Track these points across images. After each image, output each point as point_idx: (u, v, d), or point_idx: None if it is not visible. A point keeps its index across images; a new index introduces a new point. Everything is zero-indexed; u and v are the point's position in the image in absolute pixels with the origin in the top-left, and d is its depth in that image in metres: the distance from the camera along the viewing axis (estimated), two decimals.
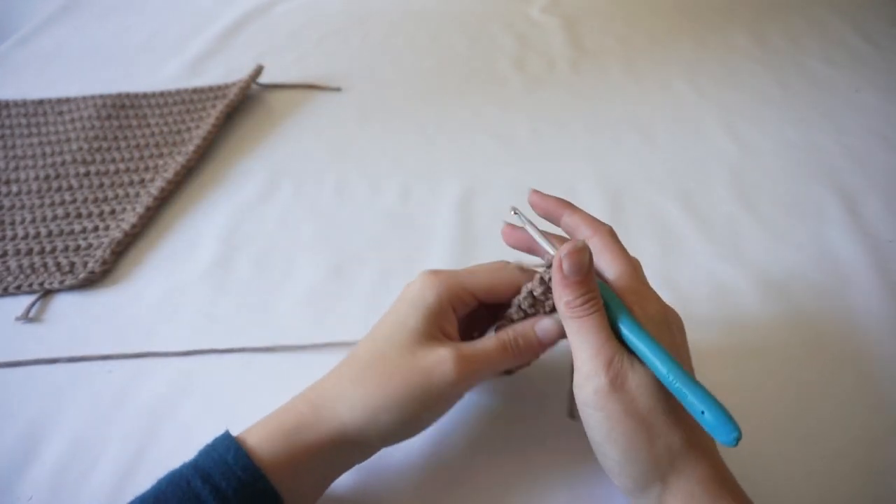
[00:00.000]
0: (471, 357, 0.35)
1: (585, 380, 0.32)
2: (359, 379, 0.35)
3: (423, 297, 0.36)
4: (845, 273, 0.52)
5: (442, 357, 0.34)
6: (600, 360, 0.32)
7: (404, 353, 0.34)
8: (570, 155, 0.68)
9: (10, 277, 0.56)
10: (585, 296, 0.33)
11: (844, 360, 0.46)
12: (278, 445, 0.33)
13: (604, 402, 0.31)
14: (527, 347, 0.37)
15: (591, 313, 0.33)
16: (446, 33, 0.92)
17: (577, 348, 0.33)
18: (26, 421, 0.45)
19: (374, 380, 0.34)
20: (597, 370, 0.32)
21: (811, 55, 0.81)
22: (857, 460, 0.40)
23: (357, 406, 0.34)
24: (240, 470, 0.32)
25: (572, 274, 0.33)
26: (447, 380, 0.34)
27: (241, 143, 0.72)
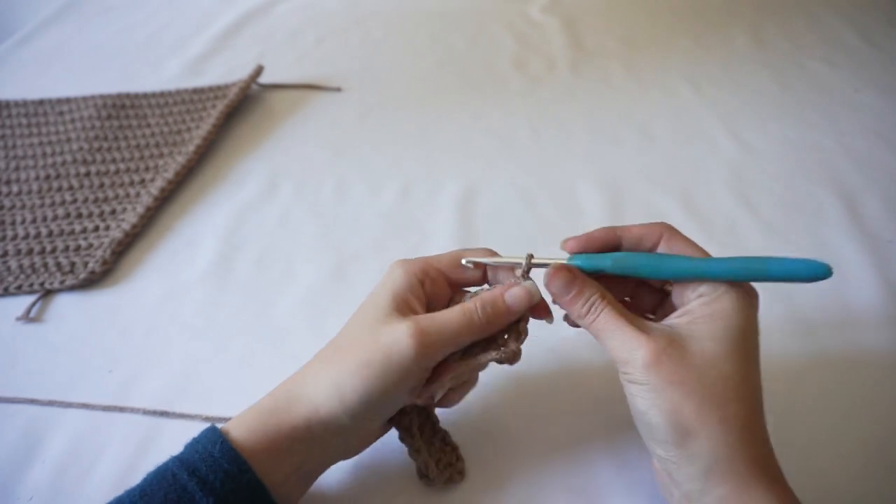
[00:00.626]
0: (429, 328, 0.34)
1: (626, 363, 0.33)
2: (327, 359, 0.36)
3: (391, 276, 0.37)
4: (845, 273, 0.52)
5: (400, 330, 0.34)
6: (632, 341, 0.33)
7: (368, 331, 0.35)
8: (569, 155, 0.68)
9: (10, 277, 0.56)
10: (587, 303, 0.34)
11: (844, 360, 0.46)
12: (258, 433, 0.34)
13: (644, 376, 0.32)
14: (495, 315, 0.36)
15: (599, 312, 0.34)
16: (446, 33, 0.92)
17: (606, 344, 0.34)
18: (26, 421, 0.45)
19: (340, 359, 0.35)
20: (631, 350, 0.32)
21: (811, 55, 0.81)
22: (858, 461, 0.40)
23: (324, 385, 0.34)
24: (226, 462, 0.32)
25: (562, 295, 0.35)
26: (405, 353, 0.33)
27: (241, 143, 0.72)
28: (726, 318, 0.33)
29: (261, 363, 0.48)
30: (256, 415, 0.35)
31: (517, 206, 0.61)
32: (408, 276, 0.37)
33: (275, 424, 0.34)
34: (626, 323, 0.33)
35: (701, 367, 0.32)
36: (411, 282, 0.37)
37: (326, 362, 0.36)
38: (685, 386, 0.31)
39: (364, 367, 0.34)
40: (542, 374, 0.46)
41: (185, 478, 0.32)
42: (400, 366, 0.34)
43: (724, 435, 0.31)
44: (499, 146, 0.70)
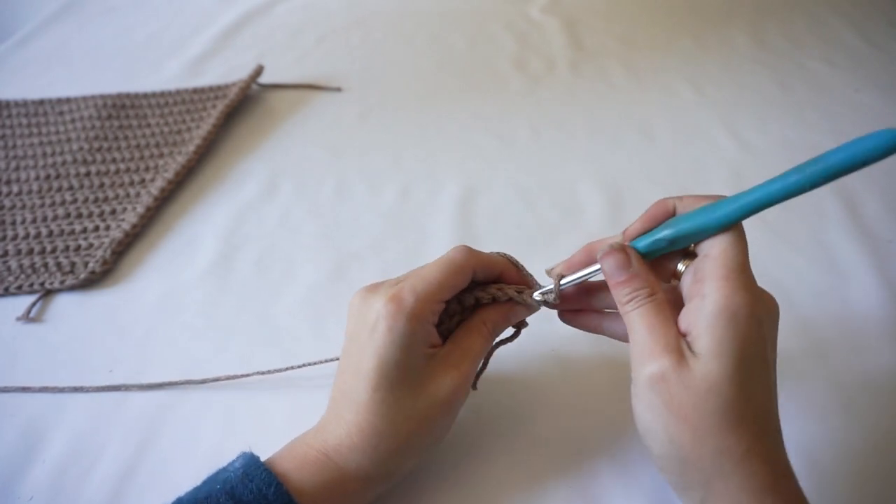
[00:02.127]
0: (470, 366, 0.36)
1: (635, 372, 0.32)
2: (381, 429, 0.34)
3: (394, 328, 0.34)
4: (845, 273, 0.52)
5: (451, 382, 0.35)
6: (646, 351, 0.31)
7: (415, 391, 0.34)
8: (570, 155, 0.68)
9: (10, 277, 0.56)
10: (631, 293, 0.33)
11: (844, 360, 0.46)
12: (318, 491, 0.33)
13: (645, 394, 0.31)
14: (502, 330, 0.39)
15: (638, 307, 0.32)
16: (446, 33, 0.92)
17: (631, 340, 0.33)
18: (26, 421, 0.45)
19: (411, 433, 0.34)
20: (642, 361, 0.31)
21: (811, 55, 0.81)
22: (859, 460, 0.40)
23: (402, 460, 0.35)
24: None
25: (612, 276, 0.33)
26: (461, 399, 0.36)
27: (241, 143, 0.72)
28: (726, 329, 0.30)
29: (261, 363, 0.48)
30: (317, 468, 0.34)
31: (517, 206, 0.61)
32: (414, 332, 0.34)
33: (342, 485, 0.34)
34: (657, 328, 0.31)
35: (702, 393, 0.29)
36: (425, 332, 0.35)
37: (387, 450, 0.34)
38: (682, 412, 0.29)
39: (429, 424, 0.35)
40: (543, 374, 0.46)
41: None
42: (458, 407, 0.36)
43: (718, 467, 0.29)
44: (499, 146, 0.70)
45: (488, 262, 0.37)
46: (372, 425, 0.34)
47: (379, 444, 0.34)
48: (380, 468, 0.34)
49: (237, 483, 0.32)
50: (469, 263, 0.36)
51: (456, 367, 0.35)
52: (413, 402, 0.34)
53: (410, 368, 0.34)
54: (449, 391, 0.34)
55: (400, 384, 0.34)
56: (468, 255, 0.37)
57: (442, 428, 0.36)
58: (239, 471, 0.33)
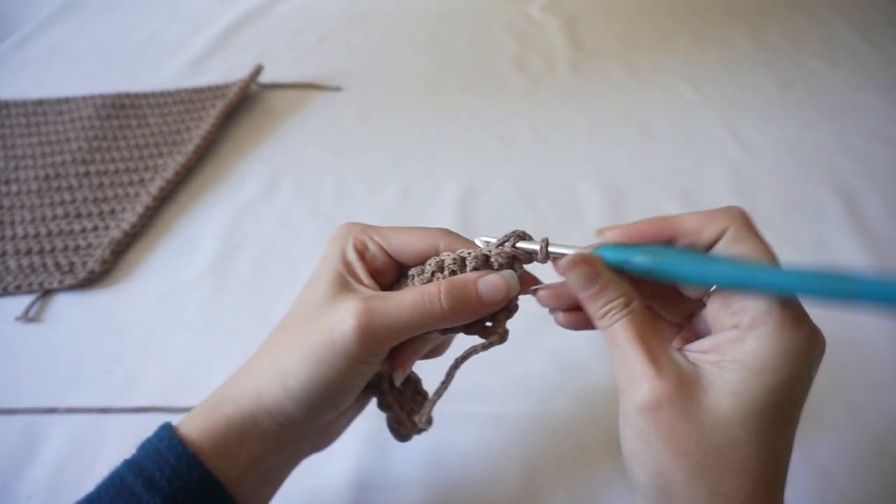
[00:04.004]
0: (378, 309, 0.29)
1: (622, 395, 0.28)
2: (270, 344, 0.32)
3: (329, 249, 0.33)
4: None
5: (344, 309, 0.29)
6: (635, 372, 0.27)
7: (313, 311, 0.31)
8: (570, 154, 0.68)
9: (10, 277, 0.56)
10: (605, 306, 0.28)
11: (845, 361, 0.46)
12: (206, 429, 0.31)
13: (635, 420, 0.27)
14: (462, 305, 0.30)
15: (613, 322, 0.28)
16: (446, 33, 0.92)
17: (613, 362, 0.29)
18: (26, 421, 0.45)
19: (282, 343, 0.31)
20: (632, 383, 0.27)
21: (811, 55, 0.81)
22: (860, 461, 0.40)
23: (266, 371, 0.31)
24: (173, 458, 0.30)
25: (581, 290, 0.29)
26: (348, 335, 0.29)
27: (241, 143, 0.72)
28: (761, 371, 0.26)
29: None
30: (204, 409, 0.32)
31: (517, 206, 0.61)
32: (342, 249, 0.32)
33: (223, 418, 0.31)
34: (640, 346, 0.27)
35: (707, 427, 0.26)
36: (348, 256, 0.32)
37: (268, 347, 0.32)
38: (681, 446, 0.26)
39: (305, 349, 0.30)
40: (543, 374, 0.46)
41: (131, 479, 0.30)
42: (345, 350, 0.29)
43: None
44: (499, 146, 0.70)
45: None
46: (267, 344, 0.33)
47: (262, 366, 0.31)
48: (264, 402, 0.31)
49: (138, 448, 0.31)
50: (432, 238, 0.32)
51: (363, 299, 0.30)
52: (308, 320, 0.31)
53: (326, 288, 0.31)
54: (337, 315, 0.29)
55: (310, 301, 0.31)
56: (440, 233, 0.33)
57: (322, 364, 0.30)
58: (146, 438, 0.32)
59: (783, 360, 0.26)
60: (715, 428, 0.26)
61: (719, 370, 0.27)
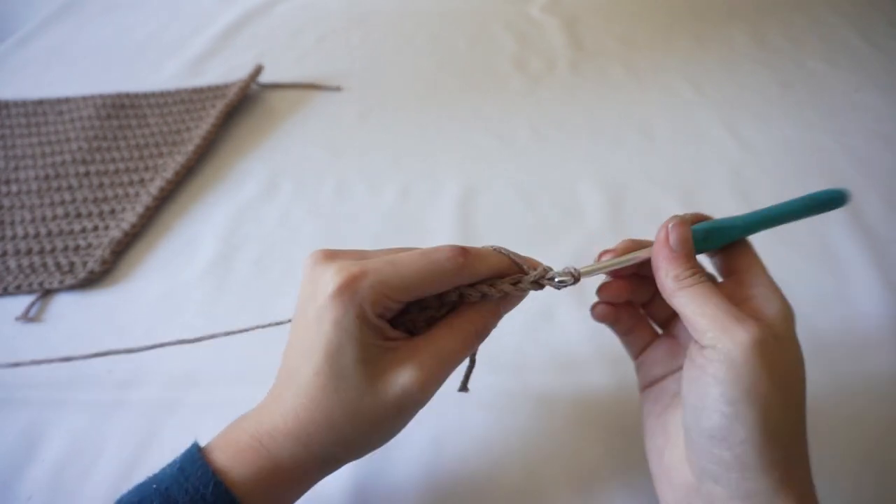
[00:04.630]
0: (436, 370, 0.31)
1: (720, 336, 0.29)
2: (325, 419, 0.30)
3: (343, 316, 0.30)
4: (846, 273, 0.52)
5: (406, 385, 0.30)
6: (738, 315, 0.29)
7: (361, 385, 0.30)
8: (570, 155, 0.68)
9: (10, 277, 0.56)
10: (693, 268, 0.32)
11: (845, 360, 0.46)
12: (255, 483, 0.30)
13: (747, 356, 0.28)
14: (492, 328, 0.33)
15: (701, 281, 0.31)
16: (446, 33, 0.92)
17: (700, 311, 0.30)
18: (26, 421, 0.45)
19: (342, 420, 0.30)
20: (738, 322, 0.29)
21: (811, 55, 0.81)
22: (859, 460, 0.40)
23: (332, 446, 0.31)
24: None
25: (679, 247, 0.32)
26: (418, 403, 0.31)
27: (240, 143, 0.72)
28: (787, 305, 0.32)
29: (261, 363, 0.48)
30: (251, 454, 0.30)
31: (517, 206, 0.61)
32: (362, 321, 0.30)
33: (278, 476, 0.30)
34: (725, 300, 0.30)
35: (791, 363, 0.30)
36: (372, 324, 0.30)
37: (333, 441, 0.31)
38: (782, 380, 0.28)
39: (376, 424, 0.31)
40: (543, 373, 0.46)
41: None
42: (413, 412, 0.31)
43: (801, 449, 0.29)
44: (499, 146, 0.70)
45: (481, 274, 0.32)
46: (309, 413, 0.30)
47: (313, 435, 0.30)
48: (314, 459, 0.31)
49: (172, 482, 0.30)
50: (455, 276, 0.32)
51: (419, 366, 0.30)
52: (358, 397, 0.30)
53: (360, 360, 0.30)
54: (401, 392, 0.30)
55: (345, 374, 0.30)
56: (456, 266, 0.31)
57: (388, 429, 0.31)
58: (176, 466, 0.30)
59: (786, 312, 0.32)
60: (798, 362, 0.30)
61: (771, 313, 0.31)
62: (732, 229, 0.34)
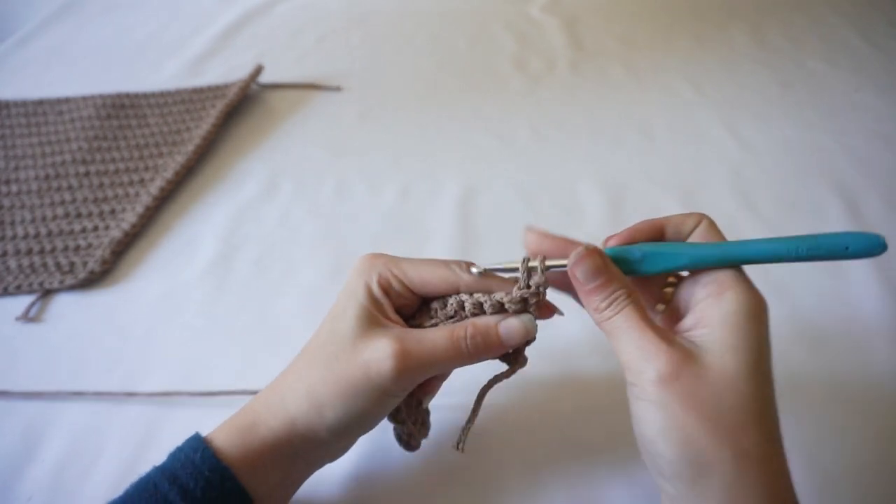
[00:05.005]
0: (413, 352, 0.32)
1: (637, 374, 0.29)
2: (304, 373, 0.34)
3: (355, 283, 0.34)
4: (846, 273, 0.52)
5: (380, 350, 0.32)
6: (649, 349, 0.29)
7: (344, 344, 0.32)
8: (570, 154, 0.68)
9: (10, 277, 0.56)
10: (610, 297, 0.31)
11: (845, 360, 0.46)
12: (238, 443, 0.33)
13: (655, 394, 0.28)
14: (485, 346, 0.33)
15: (620, 310, 0.30)
16: (446, 33, 0.92)
17: (619, 347, 0.30)
18: (26, 421, 0.45)
19: (317, 374, 0.33)
20: (645, 361, 0.29)
21: (811, 55, 0.81)
22: (859, 459, 0.40)
23: (302, 400, 0.33)
24: (207, 469, 0.31)
25: (587, 281, 0.31)
26: (385, 375, 0.31)
27: (241, 143, 0.72)
28: (743, 325, 0.29)
29: (260, 363, 0.48)
30: (237, 429, 0.33)
31: (517, 206, 0.61)
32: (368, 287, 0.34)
33: (255, 438, 0.33)
34: (648, 327, 0.30)
35: (719, 388, 0.28)
36: (375, 294, 0.34)
37: (302, 376, 0.34)
38: (701, 410, 0.28)
39: (342, 383, 0.32)
40: (544, 375, 0.46)
41: (166, 487, 0.31)
42: (380, 386, 0.32)
43: (741, 473, 0.27)
44: (499, 146, 0.70)
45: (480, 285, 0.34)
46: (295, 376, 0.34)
47: (294, 398, 0.33)
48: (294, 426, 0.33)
49: (170, 456, 0.33)
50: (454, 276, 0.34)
51: (397, 339, 0.32)
52: (338, 352, 0.32)
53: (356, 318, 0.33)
54: (373, 354, 0.31)
55: (338, 331, 0.33)
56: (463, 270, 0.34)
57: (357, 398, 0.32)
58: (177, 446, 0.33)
59: (757, 311, 0.30)
60: (726, 386, 0.28)
61: (710, 335, 0.29)
62: (677, 257, 0.31)
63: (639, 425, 0.30)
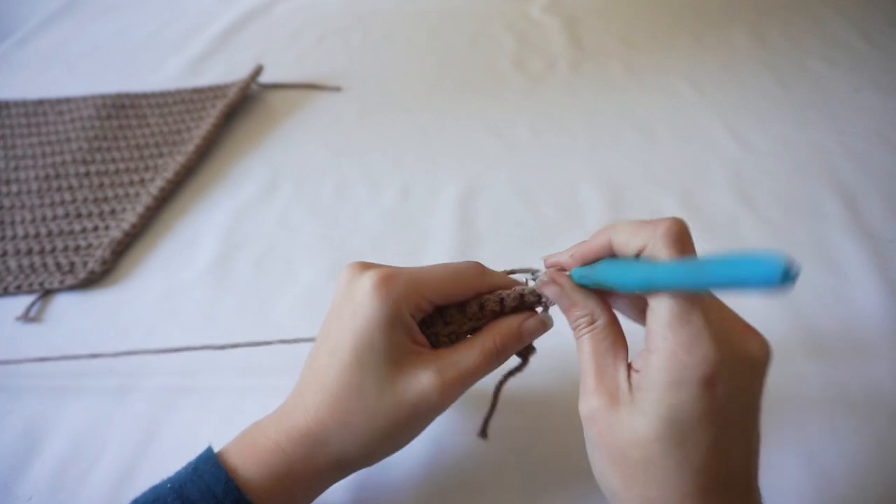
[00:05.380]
0: (455, 379, 0.32)
1: (580, 400, 0.31)
2: (344, 418, 0.32)
3: (378, 304, 0.32)
4: (846, 273, 0.52)
5: (425, 387, 0.32)
6: (585, 385, 0.30)
7: (383, 383, 0.31)
8: (570, 155, 0.68)
9: (10, 277, 0.56)
10: (575, 321, 0.32)
11: (845, 360, 0.46)
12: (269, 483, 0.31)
13: (585, 426, 0.30)
14: (512, 350, 0.35)
15: (579, 337, 0.32)
16: (446, 33, 0.92)
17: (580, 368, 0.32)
18: (26, 421, 0.45)
19: (361, 418, 0.32)
20: (581, 394, 0.30)
21: (812, 55, 0.81)
22: (860, 461, 0.40)
23: (349, 447, 0.32)
24: None
25: (559, 300, 0.32)
26: (433, 407, 0.32)
27: (241, 143, 0.72)
28: (663, 392, 0.27)
29: (261, 363, 0.48)
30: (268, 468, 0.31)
31: (517, 206, 0.61)
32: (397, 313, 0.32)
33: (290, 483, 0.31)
34: (592, 362, 0.30)
35: (625, 443, 0.28)
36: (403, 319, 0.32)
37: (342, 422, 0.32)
38: (612, 455, 0.29)
39: (391, 428, 0.32)
40: (544, 373, 0.46)
41: None
42: (427, 418, 0.33)
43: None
44: (499, 146, 0.70)
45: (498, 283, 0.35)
46: (328, 410, 0.32)
47: (330, 434, 0.32)
48: (329, 460, 0.32)
49: (186, 481, 0.31)
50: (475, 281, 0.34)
51: (439, 371, 0.32)
52: (377, 394, 0.31)
53: (387, 357, 0.31)
54: (419, 393, 0.31)
55: (370, 369, 0.31)
56: (478, 272, 0.35)
57: (403, 432, 0.33)
58: (190, 467, 0.32)
59: (678, 382, 0.27)
60: (633, 443, 0.28)
61: (641, 390, 0.28)
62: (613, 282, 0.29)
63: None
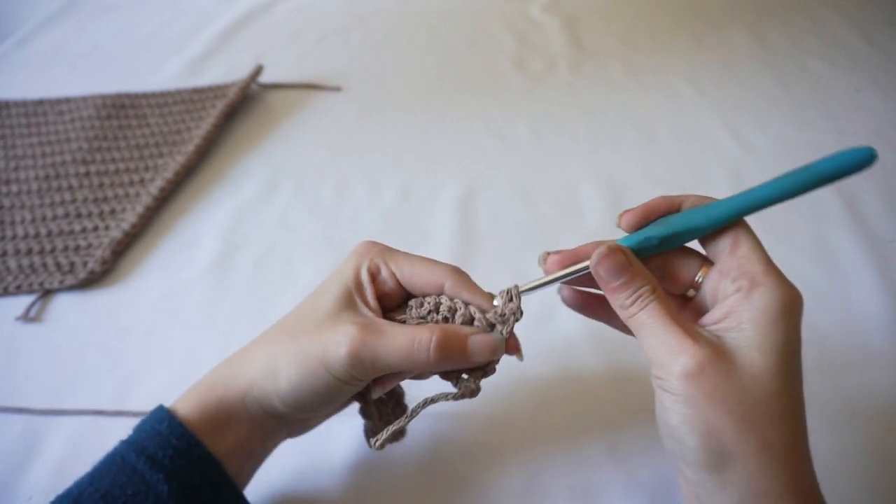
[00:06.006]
0: (370, 343, 0.31)
1: (662, 368, 0.29)
2: (271, 339, 0.34)
3: (346, 264, 0.35)
4: (846, 273, 0.52)
5: (341, 333, 0.32)
6: (674, 345, 0.29)
7: (315, 321, 0.33)
8: (570, 154, 0.68)
9: (10, 277, 0.56)
10: (634, 294, 0.31)
11: (845, 360, 0.46)
12: (201, 408, 0.33)
13: (681, 388, 0.28)
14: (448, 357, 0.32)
15: (645, 306, 0.30)
16: (446, 33, 0.92)
17: (644, 343, 0.31)
18: (26, 421, 0.45)
19: (282, 341, 0.34)
20: (671, 356, 0.29)
21: (812, 55, 0.81)
22: (860, 461, 0.40)
23: (261, 363, 0.34)
24: (174, 438, 0.32)
25: (611, 279, 0.31)
26: (338, 359, 0.31)
27: (241, 143, 0.72)
28: (773, 323, 0.29)
29: None
30: (199, 391, 0.34)
31: (517, 206, 0.61)
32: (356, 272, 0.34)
33: (215, 399, 0.33)
34: (673, 322, 0.30)
35: (746, 384, 0.28)
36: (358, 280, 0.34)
37: (268, 342, 0.34)
38: (726, 404, 0.28)
39: (300, 356, 0.32)
40: (543, 373, 0.46)
41: (133, 458, 0.32)
42: (333, 370, 0.31)
43: (764, 464, 0.28)
44: (499, 146, 0.70)
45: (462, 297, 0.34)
46: (257, 343, 0.35)
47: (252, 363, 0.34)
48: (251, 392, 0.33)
49: (136, 429, 0.34)
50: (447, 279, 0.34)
51: (361, 328, 0.32)
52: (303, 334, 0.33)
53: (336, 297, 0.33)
54: (333, 340, 0.31)
55: (315, 306, 0.34)
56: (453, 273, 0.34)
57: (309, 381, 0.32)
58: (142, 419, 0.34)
59: (788, 309, 0.29)
60: (753, 383, 0.28)
61: (738, 332, 0.29)
62: (694, 232, 0.32)
63: (662, 414, 0.30)
